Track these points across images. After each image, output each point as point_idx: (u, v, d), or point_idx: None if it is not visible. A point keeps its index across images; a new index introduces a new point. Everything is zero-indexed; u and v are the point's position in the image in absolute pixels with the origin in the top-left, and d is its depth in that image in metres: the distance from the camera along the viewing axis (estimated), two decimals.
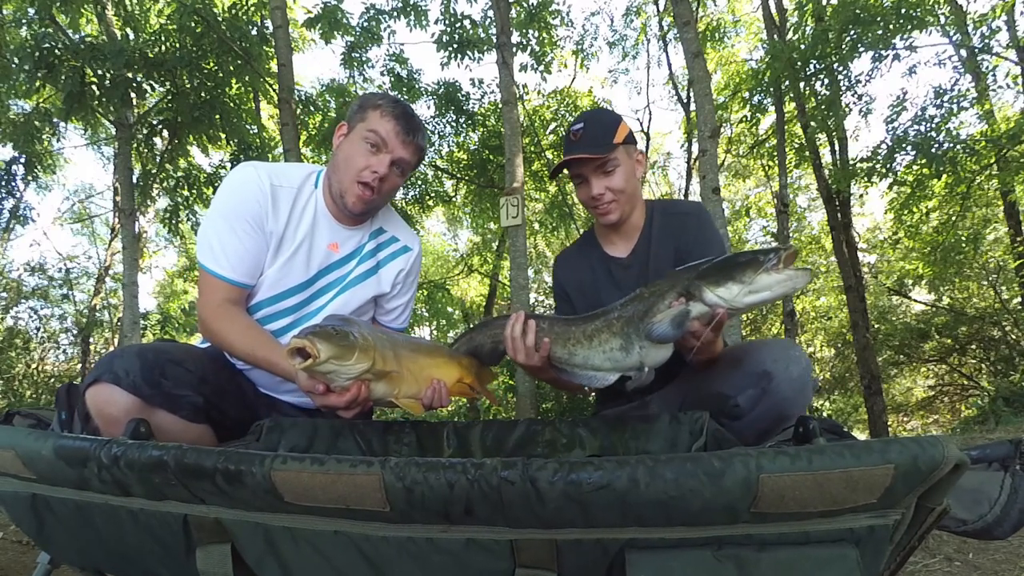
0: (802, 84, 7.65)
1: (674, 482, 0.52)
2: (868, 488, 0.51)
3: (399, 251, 1.49)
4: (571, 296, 1.66)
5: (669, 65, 13.88)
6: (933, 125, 6.83)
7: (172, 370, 1.16)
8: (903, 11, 6.37)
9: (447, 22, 7.17)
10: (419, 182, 9.66)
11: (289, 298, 1.36)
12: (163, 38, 6.42)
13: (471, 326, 1.54)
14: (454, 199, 10.41)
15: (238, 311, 1.31)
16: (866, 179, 7.30)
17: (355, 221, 1.41)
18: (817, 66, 7.23)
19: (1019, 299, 9.32)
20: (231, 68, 6.59)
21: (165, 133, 7.25)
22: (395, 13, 7.31)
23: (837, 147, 8.85)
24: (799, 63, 7.08)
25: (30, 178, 8.41)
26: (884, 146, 7.06)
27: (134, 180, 7.33)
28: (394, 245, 1.49)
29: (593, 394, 1.82)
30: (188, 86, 6.50)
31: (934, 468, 0.51)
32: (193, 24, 6.04)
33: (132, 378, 1.07)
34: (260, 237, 1.30)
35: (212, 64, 6.44)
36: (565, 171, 1.60)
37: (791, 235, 9.30)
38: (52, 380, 9.86)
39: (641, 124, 12.14)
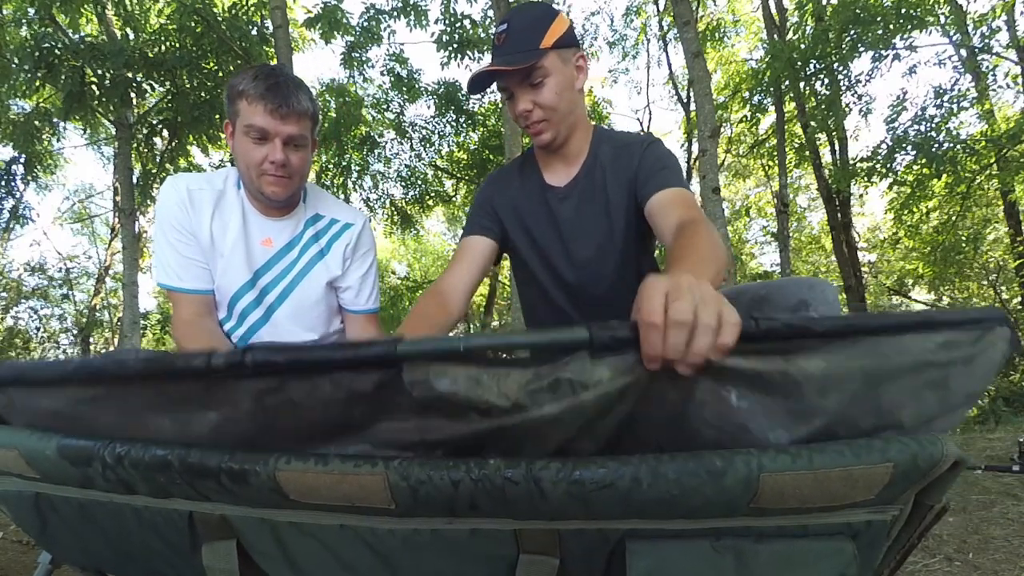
0: (802, 84, 7.67)
1: (676, 481, 0.52)
2: (867, 485, 0.52)
3: (341, 230, 1.45)
4: (500, 215, 1.41)
5: (669, 65, 13.90)
6: (933, 125, 6.84)
7: None
8: (903, 11, 6.38)
9: (447, 22, 7.18)
10: (419, 182, 9.68)
11: (239, 302, 1.35)
12: (163, 38, 6.44)
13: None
14: (454, 199, 10.42)
15: (200, 328, 1.30)
16: (866, 179, 7.31)
17: (284, 211, 1.38)
18: (817, 66, 7.24)
19: (1019, 299, 9.32)
20: (231, 68, 6.60)
21: (165, 133, 7.26)
22: (395, 13, 7.33)
23: (837, 147, 8.86)
24: (799, 63, 7.08)
25: (30, 178, 8.41)
26: (884, 146, 7.07)
27: (134, 180, 7.33)
28: (335, 227, 1.45)
29: None
30: (188, 86, 6.51)
31: (933, 466, 0.52)
32: (193, 24, 6.05)
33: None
34: (195, 241, 1.31)
35: (212, 64, 6.45)
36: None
37: (791, 235, 9.30)
38: None
39: (641, 124, 12.15)
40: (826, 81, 7.60)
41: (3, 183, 7.75)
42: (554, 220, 1.37)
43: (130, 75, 6.17)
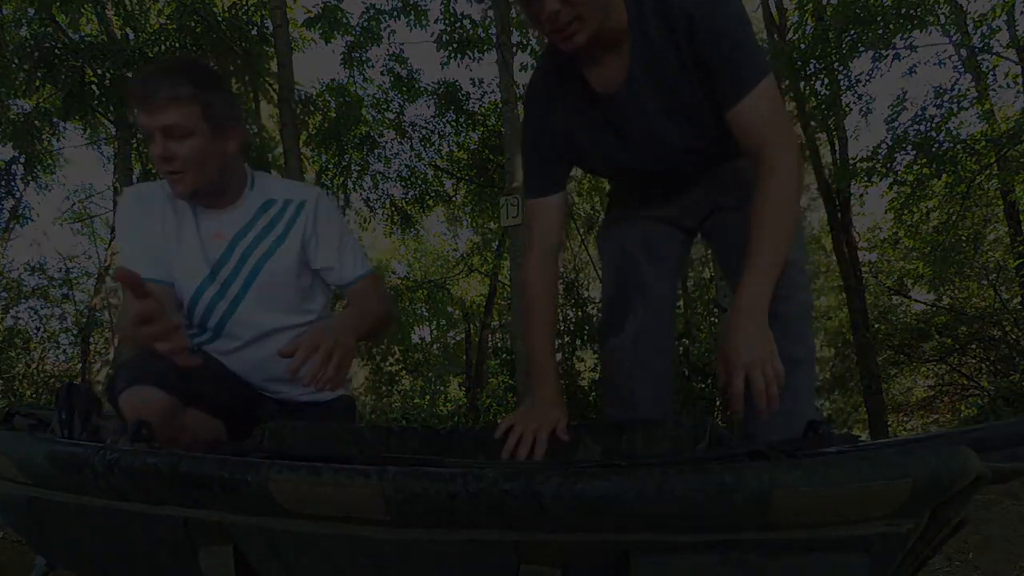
0: (802, 84, 7.64)
1: (683, 498, 0.51)
2: (885, 501, 0.51)
3: (296, 213, 1.39)
4: (560, 142, 1.20)
5: None
6: (933, 125, 6.82)
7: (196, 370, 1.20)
8: (903, 11, 6.36)
9: (447, 22, 7.17)
10: (419, 182, 9.66)
11: (201, 297, 1.33)
12: (163, 38, 6.42)
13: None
14: (454, 199, 10.40)
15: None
16: (866, 179, 7.29)
17: (227, 201, 1.35)
18: (817, 66, 7.22)
19: (1019, 299, 9.31)
20: (231, 68, 6.59)
21: None
22: (395, 13, 7.31)
23: (837, 147, 8.84)
24: (799, 63, 7.06)
25: (30, 178, 8.40)
26: (884, 146, 7.05)
27: (134, 180, 7.32)
28: (289, 209, 1.39)
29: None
30: None
31: (954, 481, 0.50)
32: (193, 24, 6.04)
33: (170, 378, 1.09)
34: (150, 233, 1.30)
35: (212, 64, 6.43)
36: None
37: None
38: (52, 380, 9.84)
39: None
40: (826, 81, 7.58)
41: (3, 183, 7.73)
42: (615, 128, 1.14)
43: (130, 75, 6.15)
